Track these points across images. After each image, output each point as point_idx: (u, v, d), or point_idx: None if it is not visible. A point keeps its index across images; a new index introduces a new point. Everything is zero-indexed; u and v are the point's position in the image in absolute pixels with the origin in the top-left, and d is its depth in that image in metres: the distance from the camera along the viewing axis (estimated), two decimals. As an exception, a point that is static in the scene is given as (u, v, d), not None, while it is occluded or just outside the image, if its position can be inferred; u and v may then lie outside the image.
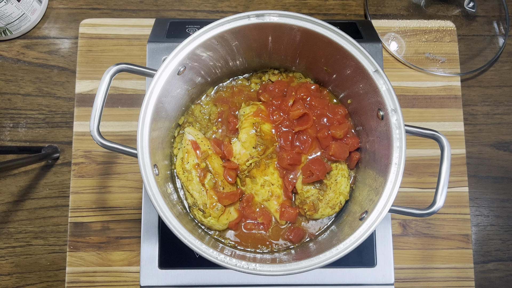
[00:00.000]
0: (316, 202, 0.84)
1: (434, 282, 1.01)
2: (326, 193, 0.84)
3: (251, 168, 0.86)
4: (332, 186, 0.85)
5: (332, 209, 0.84)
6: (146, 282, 0.89)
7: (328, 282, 0.90)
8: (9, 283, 1.09)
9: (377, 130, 0.77)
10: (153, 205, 0.70)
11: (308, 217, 0.86)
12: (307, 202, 0.84)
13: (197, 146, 0.84)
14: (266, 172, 0.86)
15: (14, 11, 1.06)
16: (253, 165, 0.86)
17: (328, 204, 0.84)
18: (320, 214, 0.85)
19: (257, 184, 0.86)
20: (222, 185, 0.83)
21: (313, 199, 0.84)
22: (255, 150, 0.86)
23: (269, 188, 0.86)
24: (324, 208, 0.84)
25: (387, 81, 0.73)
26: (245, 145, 0.86)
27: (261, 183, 0.86)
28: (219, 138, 0.90)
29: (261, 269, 0.69)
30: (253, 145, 0.86)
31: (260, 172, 0.86)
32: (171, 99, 0.78)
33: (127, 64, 0.72)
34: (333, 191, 0.85)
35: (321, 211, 0.84)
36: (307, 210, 0.84)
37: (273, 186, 0.86)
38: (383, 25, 1.13)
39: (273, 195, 0.86)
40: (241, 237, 0.87)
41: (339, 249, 0.70)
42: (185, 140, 0.85)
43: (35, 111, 1.14)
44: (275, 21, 0.74)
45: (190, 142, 0.85)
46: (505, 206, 1.15)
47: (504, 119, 1.17)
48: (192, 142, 0.85)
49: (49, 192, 1.13)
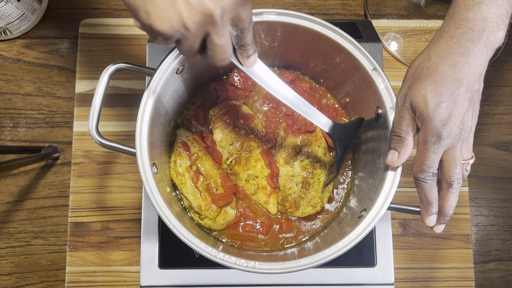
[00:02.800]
0: (297, 200, 0.84)
1: (434, 282, 1.01)
2: (308, 191, 0.84)
3: (233, 166, 0.87)
4: (315, 185, 0.85)
5: (313, 208, 0.84)
6: (146, 282, 0.89)
7: (328, 282, 0.90)
8: (9, 283, 1.10)
9: (376, 128, 0.77)
10: (152, 203, 0.70)
11: (289, 214, 0.86)
12: (289, 199, 0.84)
13: (188, 148, 0.84)
14: (248, 166, 0.86)
15: (14, 11, 1.07)
16: (234, 162, 0.86)
17: (310, 203, 0.84)
18: (301, 212, 0.84)
19: (241, 180, 0.86)
20: (215, 186, 0.83)
21: (295, 197, 0.84)
22: (233, 147, 0.86)
23: (254, 181, 0.86)
24: (305, 206, 0.84)
25: (386, 79, 0.73)
26: (221, 144, 0.86)
27: (245, 178, 0.86)
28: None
29: (260, 267, 0.69)
30: (230, 143, 0.86)
31: (242, 167, 0.86)
32: (169, 98, 0.78)
33: (125, 63, 0.72)
34: (315, 190, 0.85)
35: (302, 209, 0.84)
36: (288, 207, 0.84)
37: (258, 179, 0.86)
38: (383, 25, 1.13)
39: (259, 187, 0.87)
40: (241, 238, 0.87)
41: (338, 246, 0.70)
42: (177, 142, 0.86)
43: (35, 111, 1.14)
44: (273, 19, 0.74)
45: (181, 145, 0.85)
46: (505, 206, 1.15)
47: (504, 119, 1.17)
48: (183, 144, 0.85)
49: (49, 192, 1.13)
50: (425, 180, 0.65)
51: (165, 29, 0.50)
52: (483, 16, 0.62)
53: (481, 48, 0.62)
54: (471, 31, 0.62)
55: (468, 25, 0.62)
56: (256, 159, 0.87)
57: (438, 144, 0.63)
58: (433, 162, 0.64)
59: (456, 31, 0.63)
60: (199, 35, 0.52)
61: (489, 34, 0.62)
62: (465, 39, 0.62)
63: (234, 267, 0.69)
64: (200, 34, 0.52)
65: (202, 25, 0.51)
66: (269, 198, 0.87)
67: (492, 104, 1.18)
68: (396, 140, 0.69)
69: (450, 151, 0.64)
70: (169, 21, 0.49)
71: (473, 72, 0.62)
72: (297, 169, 0.85)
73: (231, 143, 0.86)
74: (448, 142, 0.63)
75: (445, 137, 0.62)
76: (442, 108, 0.62)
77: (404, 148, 0.68)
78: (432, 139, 0.63)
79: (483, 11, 0.62)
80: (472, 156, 0.66)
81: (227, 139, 0.86)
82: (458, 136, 0.63)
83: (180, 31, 0.50)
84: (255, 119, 0.88)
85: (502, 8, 0.62)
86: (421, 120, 0.64)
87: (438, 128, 0.62)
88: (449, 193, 0.65)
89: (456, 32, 0.63)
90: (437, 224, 0.68)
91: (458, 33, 0.63)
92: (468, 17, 0.62)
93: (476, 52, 0.62)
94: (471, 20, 0.62)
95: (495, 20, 0.62)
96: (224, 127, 0.86)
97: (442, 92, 0.62)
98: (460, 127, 0.62)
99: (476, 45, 0.62)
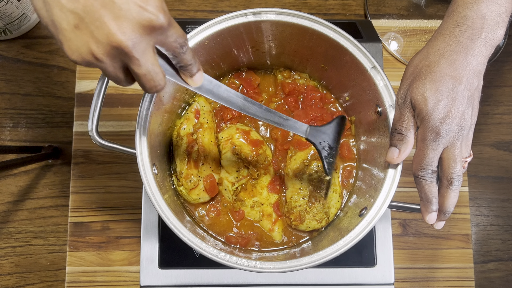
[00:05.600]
0: (303, 213, 0.83)
1: (434, 282, 1.01)
2: (314, 206, 0.83)
3: (238, 192, 0.86)
4: (322, 200, 0.84)
5: (318, 223, 0.83)
6: (146, 282, 0.89)
7: (328, 282, 0.90)
8: (9, 283, 1.10)
9: (376, 126, 0.77)
10: (152, 203, 0.70)
11: (294, 227, 0.85)
12: (294, 211, 0.83)
13: (198, 117, 0.85)
14: (254, 193, 0.86)
15: (14, 11, 1.07)
16: (240, 189, 0.86)
17: (315, 217, 0.83)
18: (305, 226, 0.83)
19: (247, 207, 0.86)
20: (203, 161, 0.83)
21: (300, 210, 0.83)
22: (240, 173, 0.85)
23: (259, 208, 0.86)
24: (310, 220, 0.83)
25: (385, 77, 0.73)
26: (228, 170, 0.86)
27: (251, 204, 0.86)
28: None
29: (261, 267, 0.69)
30: (236, 169, 0.86)
31: (248, 194, 0.86)
32: (169, 98, 0.78)
33: (124, 63, 0.72)
34: (321, 204, 0.84)
35: (307, 223, 0.83)
36: (293, 220, 0.83)
37: (263, 206, 0.86)
38: (383, 25, 1.13)
39: (264, 214, 0.86)
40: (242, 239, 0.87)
41: (339, 245, 0.70)
42: (191, 107, 0.86)
43: (35, 111, 1.14)
44: (272, 18, 0.74)
45: (194, 111, 0.86)
46: (505, 206, 1.15)
47: (504, 119, 1.17)
48: (196, 111, 0.86)
49: (49, 192, 1.13)
50: (424, 177, 0.65)
51: (76, 59, 0.47)
52: (482, 14, 0.62)
53: (480, 46, 0.62)
54: (470, 28, 0.62)
55: (466, 23, 0.62)
56: (262, 186, 0.87)
57: (437, 141, 0.63)
58: (432, 160, 0.64)
59: (455, 29, 0.63)
60: (116, 65, 0.49)
61: (488, 32, 0.62)
62: (463, 37, 0.62)
63: (235, 266, 0.69)
64: (117, 65, 0.49)
65: (115, 57, 0.48)
66: (274, 226, 0.86)
67: (492, 104, 1.18)
68: (397, 137, 0.69)
69: (450, 149, 0.64)
70: (78, 52, 0.47)
71: (472, 70, 0.62)
72: (305, 183, 0.85)
73: (237, 169, 0.86)
74: (447, 140, 0.63)
75: (444, 135, 0.62)
76: (441, 106, 0.62)
77: (405, 145, 0.68)
78: (431, 136, 0.63)
79: (482, 9, 0.62)
80: (470, 154, 0.67)
81: (234, 165, 0.86)
82: (457, 134, 0.63)
83: (92, 62, 0.48)
84: (264, 145, 0.88)
85: (501, 5, 0.62)
86: (420, 118, 0.64)
87: (437, 126, 0.62)
88: (449, 190, 0.65)
89: (455, 30, 0.63)
90: (437, 221, 0.69)
91: (456, 30, 0.63)
92: (466, 15, 0.62)
93: (475, 50, 0.62)
94: (469, 18, 0.62)
95: (494, 17, 0.62)
96: (232, 153, 0.86)
97: (441, 90, 0.62)
98: (459, 125, 0.62)
99: (475, 43, 0.62)
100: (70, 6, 0.45)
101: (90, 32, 0.45)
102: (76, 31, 0.46)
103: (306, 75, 0.92)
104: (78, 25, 0.45)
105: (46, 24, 0.47)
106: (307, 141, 0.74)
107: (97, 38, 0.46)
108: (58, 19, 0.45)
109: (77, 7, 0.45)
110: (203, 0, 1.21)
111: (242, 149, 0.85)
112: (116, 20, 0.45)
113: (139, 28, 0.47)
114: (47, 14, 0.46)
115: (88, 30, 0.46)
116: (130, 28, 0.46)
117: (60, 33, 0.46)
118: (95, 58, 0.47)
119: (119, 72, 0.50)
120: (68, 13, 0.45)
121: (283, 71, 0.92)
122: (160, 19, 0.47)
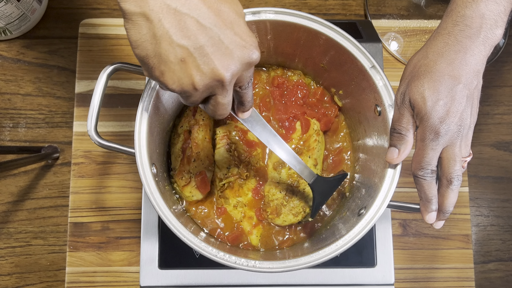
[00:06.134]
0: (279, 207, 0.83)
1: (434, 282, 1.01)
2: (291, 200, 0.84)
3: (225, 189, 0.86)
4: (299, 194, 0.84)
5: (295, 217, 0.83)
6: (146, 282, 0.89)
7: (328, 282, 0.90)
8: (9, 283, 1.09)
9: (375, 126, 0.77)
10: (151, 203, 0.70)
11: (270, 221, 0.85)
12: (271, 205, 0.83)
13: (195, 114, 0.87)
14: (240, 193, 0.86)
15: (14, 11, 1.06)
16: (226, 186, 0.86)
17: (291, 211, 0.83)
18: (281, 220, 0.84)
19: (230, 205, 0.86)
20: (195, 157, 0.84)
21: (277, 203, 0.83)
22: (229, 171, 0.86)
23: (242, 209, 0.86)
24: (287, 214, 0.83)
25: (384, 76, 0.73)
26: (218, 165, 0.86)
27: (234, 203, 0.86)
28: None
29: (261, 266, 0.69)
30: (227, 165, 0.85)
31: (234, 193, 0.86)
32: (168, 98, 0.78)
33: (123, 64, 0.72)
34: (298, 198, 0.84)
35: (283, 216, 0.83)
36: (269, 213, 0.83)
37: (246, 208, 0.86)
38: (383, 25, 1.13)
39: (245, 216, 0.86)
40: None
41: (338, 245, 0.70)
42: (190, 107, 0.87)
43: (35, 111, 1.14)
44: (271, 18, 0.74)
45: (192, 108, 0.87)
46: (505, 206, 1.15)
47: (504, 119, 1.17)
48: (194, 108, 0.87)
49: (49, 192, 1.13)
50: (424, 177, 0.65)
51: (175, 88, 0.52)
52: (480, 13, 0.62)
53: (479, 45, 0.62)
54: (469, 28, 0.62)
55: (465, 22, 0.62)
56: (249, 187, 0.87)
57: (436, 141, 0.63)
58: (431, 159, 0.64)
59: (454, 28, 0.63)
60: (205, 94, 0.54)
61: (487, 31, 0.62)
62: (462, 36, 0.62)
63: (234, 266, 0.69)
64: (206, 94, 0.54)
65: (210, 87, 0.52)
66: (253, 229, 0.86)
67: (492, 104, 1.18)
68: (396, 137, 0.69)
69: (449, 148, 0.64)
70: (179, 82, 0.51)
71: (471, 69, 0.62)
72: (284, 176, 0.85)
73: (228, 166, 0.86)
74: (447, 139, 0.63)
75: (443, 134, 0.62)
76: (440, 105, 0.62)
77: (404, 145, 0.68)
78: (430, 136, 0.63)
79: (480, 8, 0.62)
80: (470, 154, 0.67)
81: (225, 162, 0.86)
82: (456, 133, 0.63)
83: (189, 91, 0.52)
84: (258, 147, 0.88)
85: (500, 5, 0.62)
86: (420, 117, 0.64)
87: (436, 125, 0.62)
88: (449, 190, 0.65)
89: (454, 29, 0.63)
90: (437, 220, 0.69)
91: (455, 30, 0.63)
92: (465, 14, 0.62)
93: (474, 49, 0.62)
94: (468, 17, 0.62)
95: (493, 17, 0.62)
96: (226, 149, 0.86)
97: (439, 89, 0.62)
98: (458, 124, 0.62)
99: (473, 42, 0.62)
100: (180, 42, 0.49)
101: (197, 66, 0.50)
102: (181, 64, 0.50)
103: (300, 72, 0.92)
104: (185, 59, 0.50)
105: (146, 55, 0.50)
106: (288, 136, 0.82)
107: (202, 72, 0.50)
108: (166, 52, 0.49)
109: (187, 44, 0.49)
110: (203, 0, 1.20)
111: (236, 147, 0.85)
112: (222, 57, 0.50)
113: (240, 65, 0.52)
114: (153, 47, 0.50)
115: (194, 64, 0.50)
116: (233, 64, 0.51)
117: (164, 64, 0.50)
118: (194, 88, 0.51)
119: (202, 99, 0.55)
120: (177, 48, 0.49)
121: (276, 69, 0.92)
122: (256, 58, 0.53)
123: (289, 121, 0.89)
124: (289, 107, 0.89)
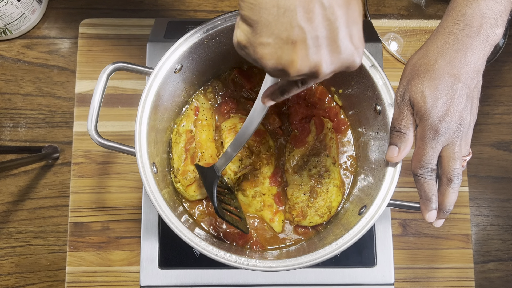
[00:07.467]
0: (305, 209, 0.83)
1: (434, 282, 1.01)
2: (316, 201, 0.83)
3: (240, 181, 0.86)
4: (323, 194, 0.84)
5: (321, 218, 0.83)
6: (146, 282, 0.89)
7: (328, 282, 0.90)
8: (9, 283, 1.10)
9: (375, 125, 0.77)
10: (152, 203, 0.70)
11: (296, 223, 0.85)
12: (296, 208, 0.83)
13: (197, 114, 0.86)
14: (256, 183, 0.86)
15: (14, 11, 1.07)
16: (242, 178, 0.86)
17: (317, 212, 0.83)
18: (308, 221, 0.83)
19: (248, 197, 0.86)
20: (200, 158, 0.83)
21: (302, 206, 0.83)
22: (242, 163, 0.86)
23: (261, 198, 0.86)
24: (313, 215, 0.83)
25: (384, 75, 0.73)
26: None
27: (252, 194, 0.86)
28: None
29: (261, 265, 0.69)
30: (239, 158, 0.86)
31: (250, 184, 0.86)
32: (168, 97, 0.78)
33: (123, 63, 0.72)
34: (323, 199, 0.84)
35: (309, 218, 0.83)
36: (295, 216, 0.83)
37: (264, 196, 0.86)
38: (383, 25, 1.13)
39: (265, 205, 0.86)
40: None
41: (338, 243, 0.70)
42: (191, 105, 0.87)
43: (35, 111, 1.14)
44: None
45: (194, 108, 0.86)
46: (505, 206, 1.15)
47: (504, 119, 1.17)
48: (196, 108, 0.86)
49: (49, 192, 1.13)
50: (423, 175, 0.65)
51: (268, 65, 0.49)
52: (481, 12, 0.62)
53: (479, 44, 0.62)
54: (469, 27, 0.62)
55: (465, 21, 0.62)
56: (264, 176, 0.86)
57: (436, 139, 0.63)
58: (431, 158, 0.64)
59: (454, 27, 0.63)
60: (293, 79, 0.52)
61: (487, 31, 0.62)
62: (462, 35, 0.62)
63: (235, 265, 0.69)
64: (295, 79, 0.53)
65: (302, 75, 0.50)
66: (274, 216, 0.86)
67: (492, 104, 1.18)
68: (397, 136, 0.69)
69: (449, 147, 0.64)
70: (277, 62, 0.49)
71: (470, 68, 0.62)
72: (305, 178, 0.85)
73: (240, 159, 0.86)
74: (446, 138, 0.63)
75: (442, 133, 0.62)
76: (440, 104, 0.62)
77: (405, 143, 0.68)
78: (430, 134, 0.63)
79: (481, 7, 0.62)
80: (470, 153, 0.67)
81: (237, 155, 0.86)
82: (456, 132, 0.63)
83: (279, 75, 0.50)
84: (266, 135, 0.88)
85: (501, 4, 0.62)
86: (419, 116, 0.64)
87: (436, 124, 0.62)
88: (449, 188, 0.65)
89: (454, 28, 0.63)
90: (437, 219, 0.69)
91: (455, 29, 0.63)
92: (466, 13, 0.62)
93: (474, 48, 0.62)
94: (469, 16, 0.62)
95: (494, 16, 0.62)
96: None
97: (439, 88, 0.62)
98: (458, 123, 0.62)
99: (473, 41, 0.62)
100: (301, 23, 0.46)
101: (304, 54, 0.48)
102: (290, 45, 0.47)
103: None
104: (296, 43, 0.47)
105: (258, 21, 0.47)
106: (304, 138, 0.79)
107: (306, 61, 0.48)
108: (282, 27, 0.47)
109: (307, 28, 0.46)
110: (203, 0, 1.21)
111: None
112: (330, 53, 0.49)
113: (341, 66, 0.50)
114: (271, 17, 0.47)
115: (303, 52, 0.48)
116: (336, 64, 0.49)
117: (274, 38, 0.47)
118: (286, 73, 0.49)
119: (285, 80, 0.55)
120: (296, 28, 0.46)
121: None
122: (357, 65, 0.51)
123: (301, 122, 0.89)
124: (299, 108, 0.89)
